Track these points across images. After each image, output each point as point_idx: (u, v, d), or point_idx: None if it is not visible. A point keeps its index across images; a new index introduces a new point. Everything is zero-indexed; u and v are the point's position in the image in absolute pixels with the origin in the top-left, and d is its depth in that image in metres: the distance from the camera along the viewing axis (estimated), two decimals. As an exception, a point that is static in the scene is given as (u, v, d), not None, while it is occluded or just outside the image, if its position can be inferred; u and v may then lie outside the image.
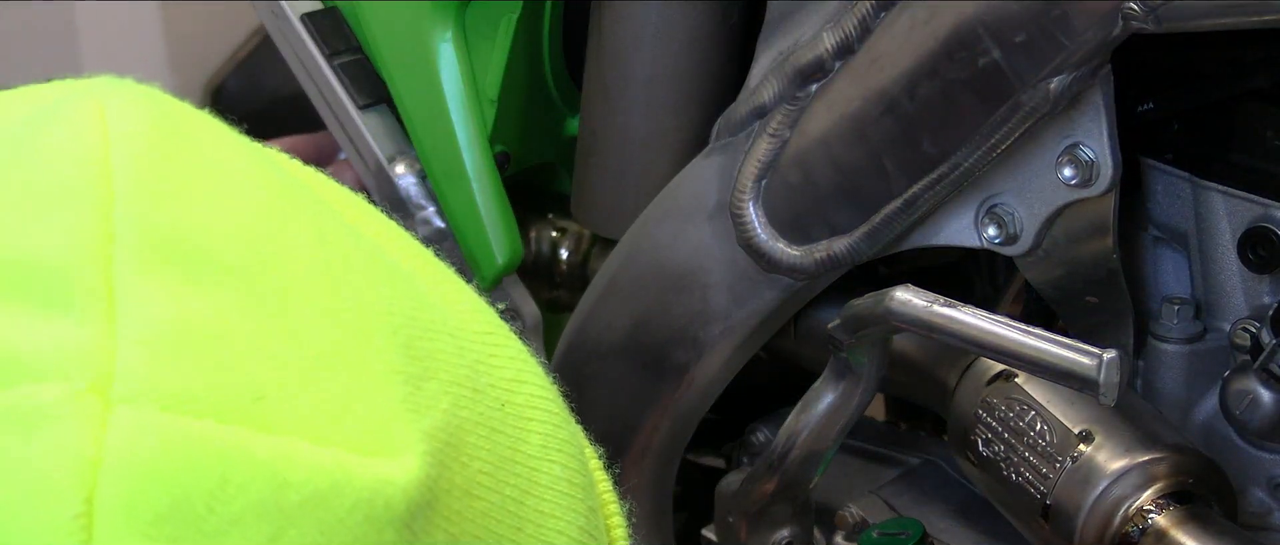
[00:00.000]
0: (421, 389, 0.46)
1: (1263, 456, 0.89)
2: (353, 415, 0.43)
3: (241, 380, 0.42)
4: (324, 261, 0.46)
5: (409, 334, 0.47)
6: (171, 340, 0.41)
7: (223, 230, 0.44)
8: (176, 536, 0.39)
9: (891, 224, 0.94)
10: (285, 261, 0.45)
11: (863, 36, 0.93)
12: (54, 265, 0.42)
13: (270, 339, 0.43)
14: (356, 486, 0.42)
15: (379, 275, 0.48)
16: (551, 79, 1.18)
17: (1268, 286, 0.90)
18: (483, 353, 0.51)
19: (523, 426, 0.51)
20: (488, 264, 1.16)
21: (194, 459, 0.40)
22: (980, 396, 0.93)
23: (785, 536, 1.03)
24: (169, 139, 0.46)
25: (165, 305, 0.42)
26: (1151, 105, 0.93)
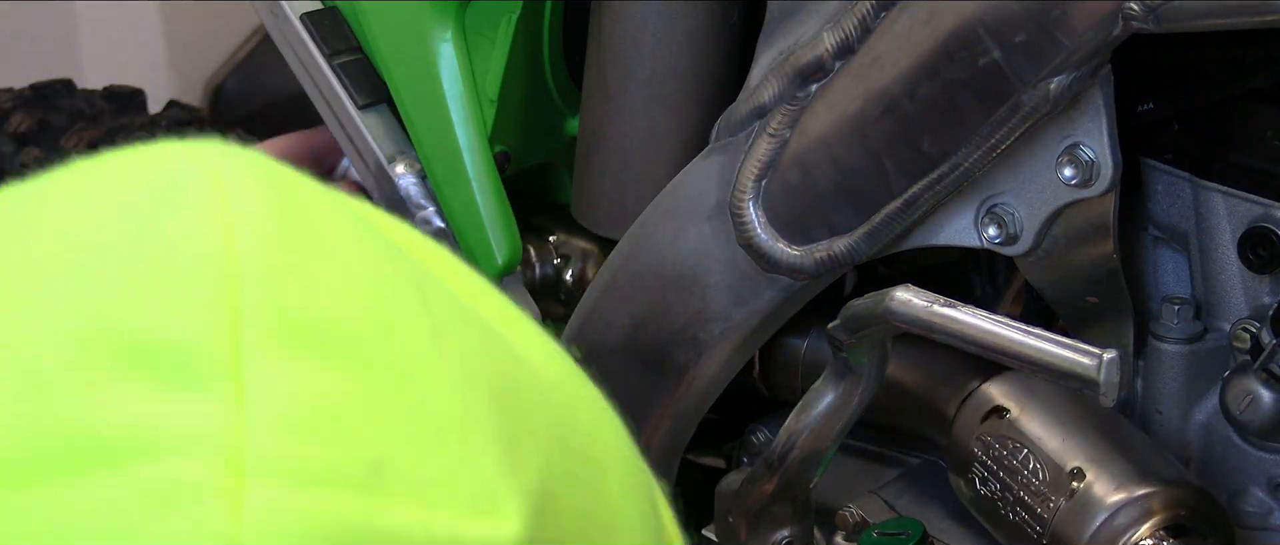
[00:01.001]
0: (518, 448, 0.47)
1: (1263, 456, 0.89)
2: (460, 480, 0.45)
3: (363, 452, 0.44)
4: (429, 327, 0.48)
5: (503, 393, 0.49)
6: (298, 417, 0.43)
7: (340, 305, 0.46)
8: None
9: (891, 224, 0.94)
10: (396, 331, 0.47)
11: (863, 36, 0.93)
12: (185, 344, 0.43)
13: (386, 410, 0.45)
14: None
15: (473, 334, 0.50)
16: (551, 79, 1.17)
17: (1268, 286, 0.90)
18: (565, 404, 0.53)
19: (603, 474, 0.52)
20: (488, 264, 1.16)
21: (324, 529, 0.42)
22: (976, 433, 0.93)
23: (785, 536, 1.03)
24: (286, 213, 0.48)
25: (291, 383, 0.43)
26: (1151, 105, 0.93)
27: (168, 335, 0.44)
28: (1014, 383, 0.95)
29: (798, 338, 1.06)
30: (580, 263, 1.20)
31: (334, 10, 1.21)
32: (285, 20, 1.20)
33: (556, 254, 1.21)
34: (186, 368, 0.43)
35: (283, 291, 0.45)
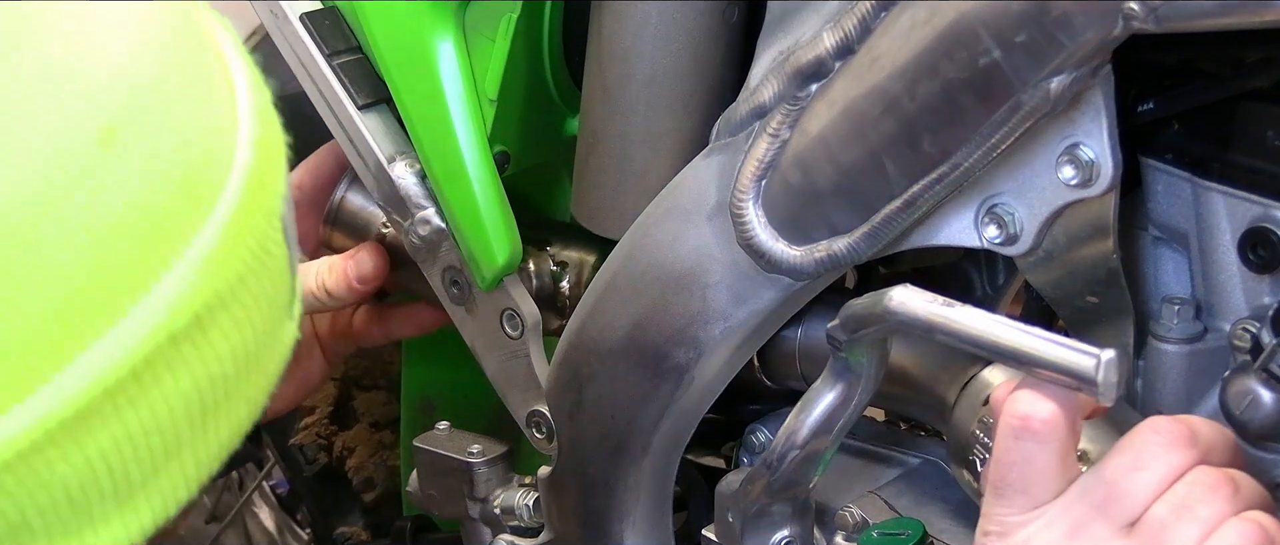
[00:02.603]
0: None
1: (1263, 457, 0.89)
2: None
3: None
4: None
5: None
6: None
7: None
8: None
9: (891, 224, 0.94)
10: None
11: (863, 36, 0.93)
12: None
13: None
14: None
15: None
16: (551, 79, 1.17)
17: (1268, 286, 0.90)
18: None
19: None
20: (488, 264, 1.16)
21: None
22: (977, 415, 0.93)
23: (785, 536, 1.03)
24: None
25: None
26: (1151, 105, 0.93)
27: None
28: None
29: (791, 328, 1.06)
30: (577, 272, 1.20)
31: (334, 10, 1.21)
32: (285, 20, 1.20)
33: (554, 263, 1.21)
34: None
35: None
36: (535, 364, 1.18)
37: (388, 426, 1.61)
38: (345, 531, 1.64)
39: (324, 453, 1.62)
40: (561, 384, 1.14)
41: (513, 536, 1.23)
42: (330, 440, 1.61)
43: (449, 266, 1.19)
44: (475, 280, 1.18)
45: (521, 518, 1.22)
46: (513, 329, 1.18)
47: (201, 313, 0.50)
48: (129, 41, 0.50)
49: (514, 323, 1.18)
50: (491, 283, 1.17)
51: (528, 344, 1.18)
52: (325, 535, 1.66)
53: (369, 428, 1.62)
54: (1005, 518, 0.82)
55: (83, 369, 0.47)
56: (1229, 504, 0.80)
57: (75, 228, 0.46)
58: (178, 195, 0.49)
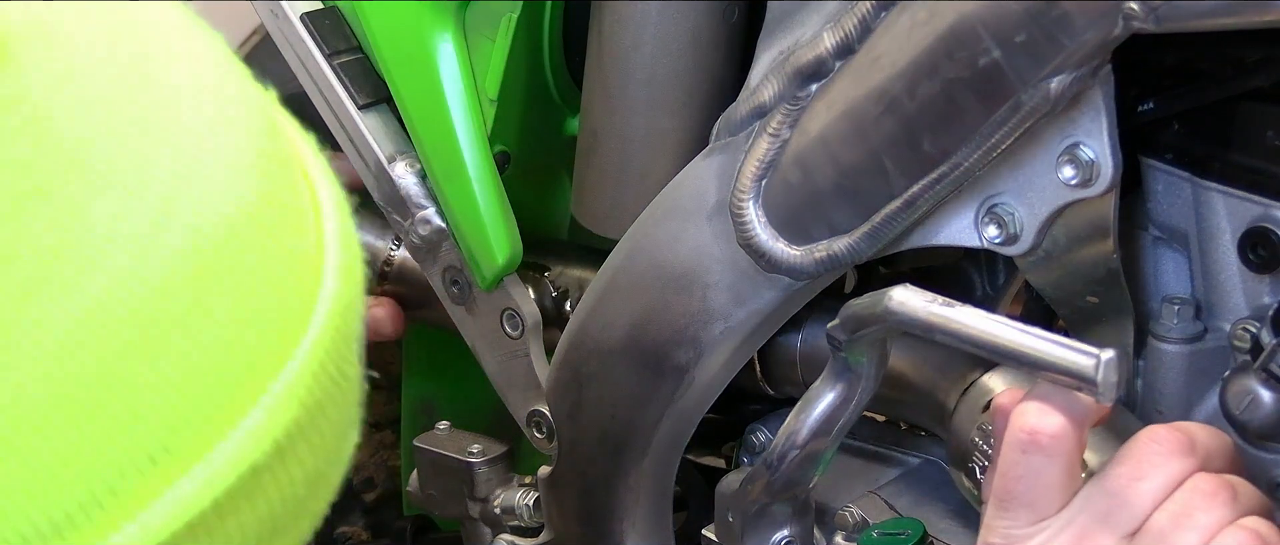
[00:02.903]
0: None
1: (1263, 457, 0.89)
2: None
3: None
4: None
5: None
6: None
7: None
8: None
9: (891, 224, 0.94)
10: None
11: (863, 36, 0.93)
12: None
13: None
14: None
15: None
16: (551, 79, 1.17)
17: (1268, 286, 0.90)
18: (134, 5, 0.51)
19: (161, 51, 0.50)
20: (488, 264, 1.16)
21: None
22: (977, 422, 0.93)
23: (785, 536, 1.03)
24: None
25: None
26: (1151, 105, 0.93)
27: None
28: (1015, 373, 0.95)
29: (792, 333, 1.06)
30: (578, 294, 1.20)
31: (334, 10, 1.21)
32: (285, 20, 1.20)
33: (554, 288, 1.21)
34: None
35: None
36: (535, 364, 1.18)
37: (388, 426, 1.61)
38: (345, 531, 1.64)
39: (324, 453, 1.62)
40: (561, 384, 1.14)
41: (513, 536, 1.23)
42: (330, 440, 1.61)
43: (449, 266, 1.19)
44: (475, 280, 1.18)
45: (521, 518, 1.22)
46: (513, 329, 1.18)
47: (283, 442, 0.49)
48: (227, 175, 0.49)
49: (514, 323, 1.18)
50: (491, 283, 1.17)
51: (528, 344, 1.18)
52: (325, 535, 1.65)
53: (369, 428, 1.62)
54: (1009, 530, 0.82)
55: (168, 505, 0.47)
56: (1228, 511, 0.80)
57: (171, 372, 0.46)
58: (268, 331, 0.49)
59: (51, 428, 0.44)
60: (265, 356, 0.49)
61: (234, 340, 0.48)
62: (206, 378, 0.47)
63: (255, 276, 0.49)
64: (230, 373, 0.48)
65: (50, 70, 0.46)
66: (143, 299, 0.46)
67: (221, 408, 0.47)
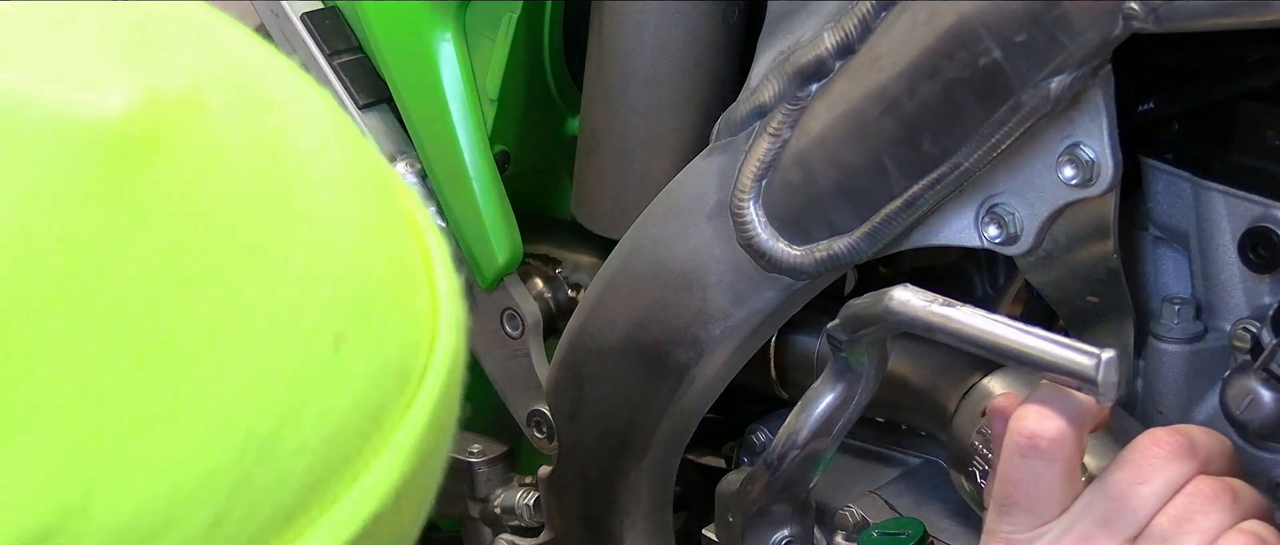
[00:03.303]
0: (149, 54, 0.49)
1: (1263, 457, 0.89)
2: (57, 56, 0.47)
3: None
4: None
5: (147, 20, 0.51)
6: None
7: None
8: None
9: (892, 224, 0.94)
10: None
11: (863, 36, 0.93)
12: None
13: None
14: (46, 105, 0.45)
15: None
16: (551, 79, 1.17)
17: (1268, 286, 0.90)
18: (253, 67, 0.53)
19: (288, 120, 0.52)
20: (488, 264, 1.16)
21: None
22: (977, 426, 0.93)
23: (785, 536, 1.03)
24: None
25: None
26: (1151, 105, 0.93)
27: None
28: (1015, 377, 0.95)
29: (812, 337, 1.06)
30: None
31: (334, 10, 1.21)
32: (285, 20, 1.20)
33: (567, 284, 1.21)
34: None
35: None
36: (535, 364, 1.18)
37: (388, 426, 1.61)
38: (345, 531, 1.64)
39: (324, 453, 1.62)
40: (561, 384, 1.14)
41: (513, 536, 1.23)
42: (330, 440, 1.61)
43: (449, 266, 1.19)
44: (475, 280, 1.18)
45: (521, 518, 1.22)
46: (513, 329, 1.18)
47: (401, 489, 0.52)
48: (358, 241, 0.52)
49: (514, 323, 1.18)
50: (492, 282, 1.17)
51: (528, 344, 1.18)
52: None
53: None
54: (1011, 535, 0.82)
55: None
56: (1229, 514, 0.80)
57: (309, 434, 0.49)
58: (393, 387, 0.52)
59: (204, 494, 0.47)
60: (391, 413, 0.52)
61: (366, 400, 0.51)
62: (341, 439, 0.50)
63: (384, 339, 0.51)
64: (360, 431, 0.51)
65: (199, 153, 0.48)
66: (289, 373, 0.49)
67: (351, 464, 0.50)
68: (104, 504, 0.45)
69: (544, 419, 1.17)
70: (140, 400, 0.46)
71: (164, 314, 0.46)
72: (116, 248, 0.46)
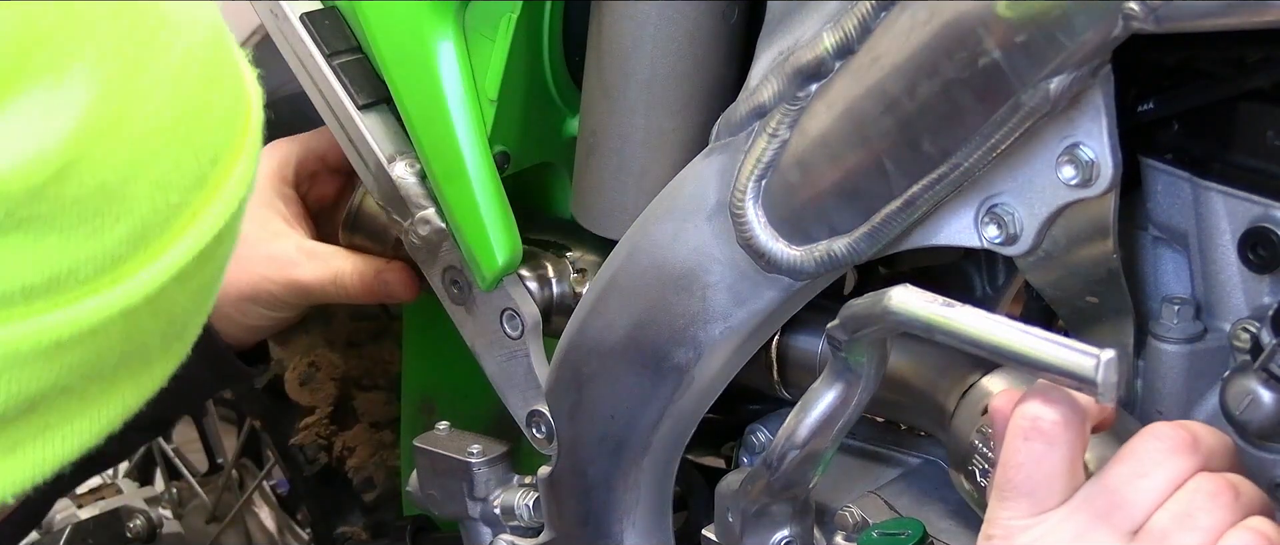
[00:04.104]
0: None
1: (1263, 457, 0.89)
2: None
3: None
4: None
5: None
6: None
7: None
8: None
9: (891, 224, 0.94)
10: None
11: (863, 36, 0.93)
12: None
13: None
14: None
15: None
16: (551, 79, 1.17)
17: (1268, 286, 0.90)
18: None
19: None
20: (488, 264, 1.16)
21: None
22: (976, 425, 0.93)
23: (785, 536, 1.03)
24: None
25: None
26: (1151, 105, 0.93)
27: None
28: (1015, 376, 0.95)
29: (813, 337, 1.06)
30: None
31: (334, 10, 1.21)
32: (285, 20, 1.20)
33: (573, 270, 1.21)
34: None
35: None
36: (535, 364, 1.18)
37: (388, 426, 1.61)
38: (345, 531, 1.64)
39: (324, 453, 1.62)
40: (561, 384, 1.14)
41: (513, 536, 1.23)
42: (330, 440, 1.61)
43: (449, 266, 1.19)
44: (475, 280, 1.18)
45: (521, 518, 1.22)
46: (513, 329, 1.18)
47: (221, 234, 0.69)
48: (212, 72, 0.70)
49: (514, 323, 1.18)
50: (491, 283, 1.17)
51: (528, 344, 1.18)
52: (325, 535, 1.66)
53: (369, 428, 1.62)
54: (1009, 521, 0.82)
55: (184, 245, 0.67)
56: (1230, 512, 0.80)
57: (220, 107, 0.69)
58: (221, 157, 0.69)
59: (177, 118, 0.65)
60: (216, 175, 0.68)
61: (234, 112, 0.70)
62: (230, 123, 0.69)
63: (237, 75, 0.71)
64: (236, 133, 0.70)
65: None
66: (205, 61, 0.67)
67: (200, 193, 0.67)
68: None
69: (543, 419, 1.17)
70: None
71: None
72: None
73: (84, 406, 0.68)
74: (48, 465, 0.68)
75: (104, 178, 0.63)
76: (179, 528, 1.90)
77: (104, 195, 0.63)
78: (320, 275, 1.27)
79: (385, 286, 1.27)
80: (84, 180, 0.62)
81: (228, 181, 0.69)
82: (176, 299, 0.68)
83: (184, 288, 0.68)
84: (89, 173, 0.62)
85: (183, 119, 0.66)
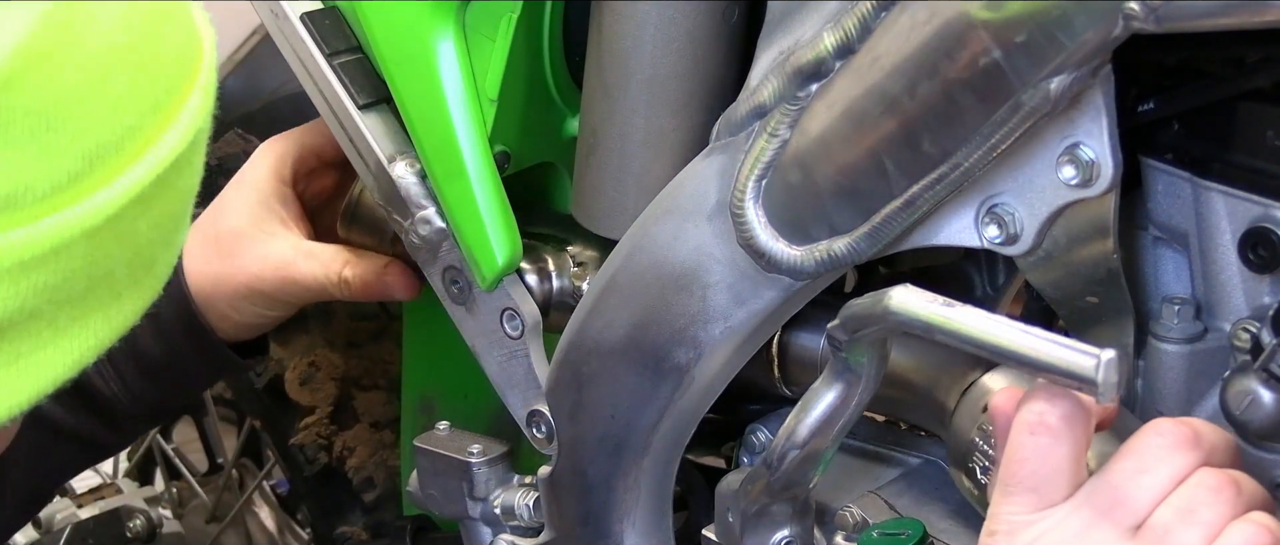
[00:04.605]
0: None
1: (1264, 457, 0.89)
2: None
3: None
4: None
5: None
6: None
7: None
8: None
9: (892, 224, 0.94)
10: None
11: (863, 36, 0.93)
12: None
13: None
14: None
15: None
16: (551, 79, 1.17)
17: (1268, 286, 0.90)
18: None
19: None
20: (488, 264, 1.16)
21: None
22: (977, 422, 0.93)
23: (785, 536, 1.03)
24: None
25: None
26: (1151, 105, 0.93)
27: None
28: (1015, 373, 0.95)
29: (814, 334, 1.06)
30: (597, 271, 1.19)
31: (334, 10, 1.21)
32: (285, 20, 1.20)
33: (575, 263, 1.21)
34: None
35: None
36: (535, 364, 1.18)
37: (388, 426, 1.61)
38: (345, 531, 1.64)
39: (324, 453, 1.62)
40: (561, 384, 1.14)
41: (513, 536, 1.23)
42: (330, 440, 1.61)
43: (449, 266, 1.19)
44: (475, 280, 1.18)
45: (521, 518, 1.22)
46: (513, 329, 1.18)
47: (180, 158, 0.72)
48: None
49: (514, 323, 1.18)
50: (491, 283, 1.17)
51: (528, 344, 1.18)
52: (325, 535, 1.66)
53: (369, 428, 1.62)
54: (1012, 516, 0.82)
55: (142, 167, 0.69)
56: (1232, 506, 0.80)
57: (166, 48, 0.72)
58: (175, 85, 0.72)
59: (129, 44, 0.68)
60: (172, 102, 0.72)
61: (187, 46, 0.73)
62: (184, 56, 0.73)
63: (187, 13, 0.74)
64: (190, 65, 0.73)
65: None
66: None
67: (187, 82, 0.72)
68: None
69: (543, 419, 1.17)
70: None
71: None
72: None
73: (55, 335, 0.69)
74: (23, 395, 0.70)
75: (55, 93, 0.65)
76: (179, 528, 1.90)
77: (56, 110, 0.65)
78: (318, 275, 1.28)
79: (386, 287, 1.28)
80: (33, 93, 0.64)
81: (182, 111, 0.72)
82: (139, 226, 0.70)
83: (145, 214, 0.70)
84: (38, 86, 0.64)
85: (134, 46, 0.69)
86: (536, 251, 1.20)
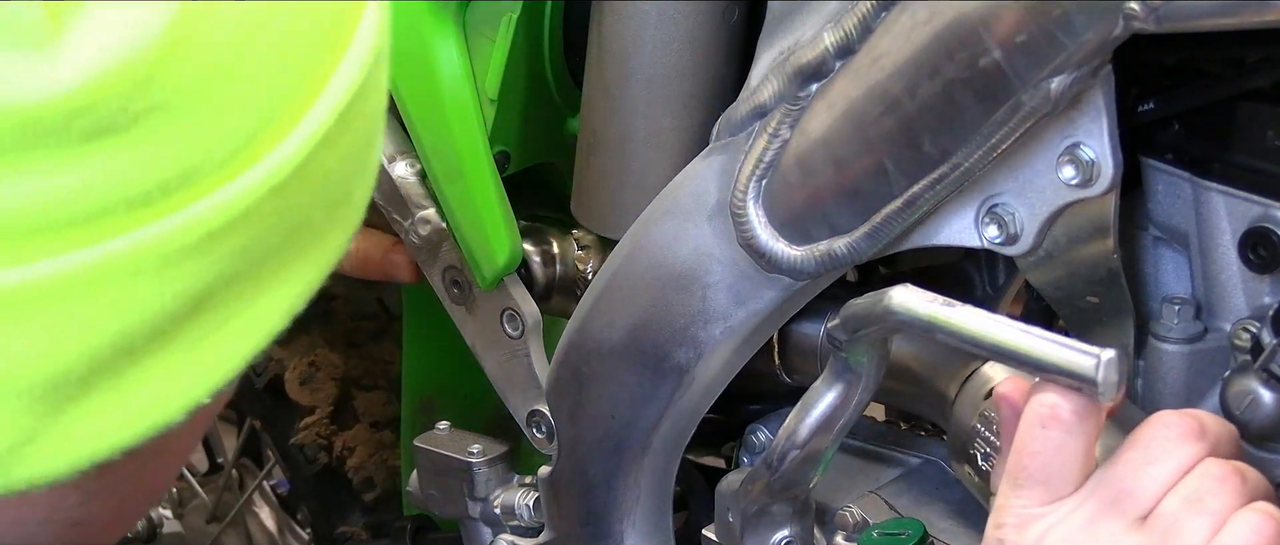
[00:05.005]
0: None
1: (1264, 457, 0.89)
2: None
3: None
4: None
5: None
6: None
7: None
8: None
9: (892, 224, 0.94)
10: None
11: (863, 36, 0.93)
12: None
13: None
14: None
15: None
16: (551, 79, 1.17)
17: (1268, 286, 0.90)
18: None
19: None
20: (488, 264, 1.16)
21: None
22: (979, 409, 0.93)
23: (785, 536, 1.03)
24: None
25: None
26: (1151, 105, 0.93)
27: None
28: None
29: (815, 322, 1.06)
30: (601, 257, 1.19)
31: (334, 10, 1.21)
32: (285, 20, 1.20)
33: (579, 247, 1.20)
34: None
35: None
36: (535, 364, 1.18)
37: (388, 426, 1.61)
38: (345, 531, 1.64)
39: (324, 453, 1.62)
40: (561, 384, 1.14)
41: (513, 536, 1.23)
42: (330, 440, 1.61)
43: (449, 266, 1.19)
44: (475, 280, 1.18)
45: (521, 518, 1.22)
46: (513, 329, 1.18)
47: (369, 74, 0.67)
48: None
49: (514, 323, 1.18)
50: (492, 282, 1.17)
51: (528, 344, 1.18)
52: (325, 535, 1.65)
53: (369, 428, 1.62)
54: (1022, 509, 0.82)
55: (320, 110, 0.65)
56: (1238, 496, 0.81)
57: (301, 29, 0.65)
58: (334, 33, 0.67)
59: (258, 46, 0.63)
60: (341, 35, 0.67)
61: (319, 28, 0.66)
62: (321, 32, 0.66)
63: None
64: (326, 41, 0.66)
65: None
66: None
67: (325, 64, 0.66)
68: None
69: (543, 419, 1.17)
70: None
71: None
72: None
73: (258, 291, 0.66)
74: (239, 356, 0.66)
75: (215, 56, 0.61)
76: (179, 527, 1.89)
77: (220, 72, 0.61)
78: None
79: (390, 264, 1.27)
80: (194, 61, 0.60)
81: (356, 33, 0.67)
82: (328, 165, 0.66)
83: (332, 152, 0.66)
84: (198, 53, 0.60)
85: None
86: (541, 234, 1.20)
